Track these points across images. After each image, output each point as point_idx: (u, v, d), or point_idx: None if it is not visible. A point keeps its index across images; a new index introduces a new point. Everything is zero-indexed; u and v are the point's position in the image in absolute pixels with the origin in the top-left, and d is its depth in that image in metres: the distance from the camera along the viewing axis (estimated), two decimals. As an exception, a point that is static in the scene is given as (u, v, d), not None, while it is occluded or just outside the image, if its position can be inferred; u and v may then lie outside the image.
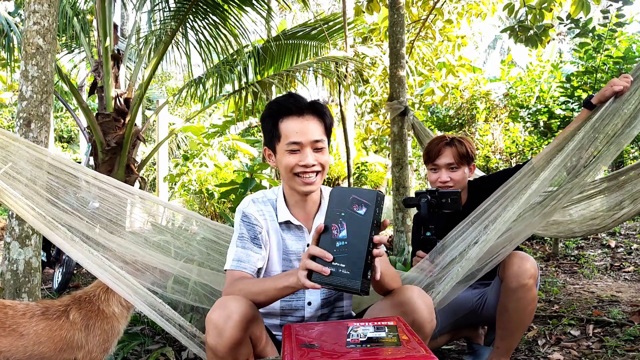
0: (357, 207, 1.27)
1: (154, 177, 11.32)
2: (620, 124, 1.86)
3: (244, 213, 1.67)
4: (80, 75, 8.58)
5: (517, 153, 7.08)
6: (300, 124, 1.58)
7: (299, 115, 1.59)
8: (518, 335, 2.06)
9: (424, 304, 1.51)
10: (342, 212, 1.28)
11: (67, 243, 1.74)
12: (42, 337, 1.75)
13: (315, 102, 1.64)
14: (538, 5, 4.54)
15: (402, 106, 4.08)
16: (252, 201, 1.70)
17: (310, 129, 1.58)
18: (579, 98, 5.22)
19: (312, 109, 1.61)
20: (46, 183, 1.89)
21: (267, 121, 1.64)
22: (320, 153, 1.61)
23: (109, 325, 1.82)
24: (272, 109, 1.63)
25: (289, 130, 1.58)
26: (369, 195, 1.26)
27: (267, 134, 1.66)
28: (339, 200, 1.29)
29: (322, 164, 1.61)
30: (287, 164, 1.59)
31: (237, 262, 1.59)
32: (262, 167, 5.25)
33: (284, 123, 1.59)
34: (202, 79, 5.56)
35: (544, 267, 4.57)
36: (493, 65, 24.26)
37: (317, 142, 1.59)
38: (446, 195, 2.07)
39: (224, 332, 1.36)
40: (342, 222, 1.27)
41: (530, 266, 1.96)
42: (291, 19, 13.71)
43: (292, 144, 1.57)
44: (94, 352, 1.79)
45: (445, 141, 2.23)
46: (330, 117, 1.65)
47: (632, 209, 2.52)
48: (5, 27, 4.60)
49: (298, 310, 1.69)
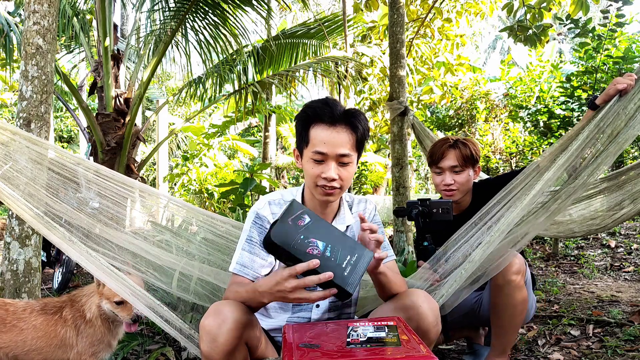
0: (302, 221, 1.27)
1: (154, 177, 11.33)
2: (624, 123, 1.85)
3: (258, 215, 1.63)
4: (80, 75, 8.57)
5: (517, 153, 7.08)
6: (330, 135, 1.51)
7: (331, 125, 1.51)
8: (512, 333, 2.05)
9: (429, 309, 1.49)
10: (301, 235, 1.25)
11: (66, 243, 1.74)
12: (39, 332, 1.77)
13: (351, 112, 1.55)
14: (537, 5, 4.54)
15: (402, 106, 4.08)
16: (268, 203, 1.65)
17: (339, 141, 1.51)
18: (579, 98, 5.22)
19: (345, 119, 1.53)
20: (46, 182, 1.89)
21: (299, 124, 1.58)
22: (345, 168, 1.54)
23: (91, 329, 1.82)
24: (306, 113, 1.56)
25: (317, 139, 1.52)
26: (295, 208, 1.28)
27: (297, 136, 1.60)
28: (287, 230, 1.24)
29: (343, 180, 1.54)
30: (310, 172, 1.54)
31: (241, 266, 1.57)
32: (262, 167, 5.26)
33: (314, 129, 1.53)
34: (202, 79, 5.56)
35: (544, 267, 4.57)
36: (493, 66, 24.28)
37: (343, 157, 1.52)
38: (437, 205, 2.04)
39: (218, 338, 1.34)
40: (312, 240, 1.25)
41: (515, 263, 1.94)
42: (291, 19, 13.71)
43: (317, 154, 1.52)
44: (83, 354, 1.80)
45: (448, 143, 2.19)
46: (364, 130, 1.56)
47: (632, 209, 2.52)
48: (5, 27, 4.60)
49: (304, 312, 1.68)
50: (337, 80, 5.76)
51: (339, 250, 1.28)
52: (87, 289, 1.90)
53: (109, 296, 1.79)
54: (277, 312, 1.69)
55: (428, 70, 7.56)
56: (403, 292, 1.57)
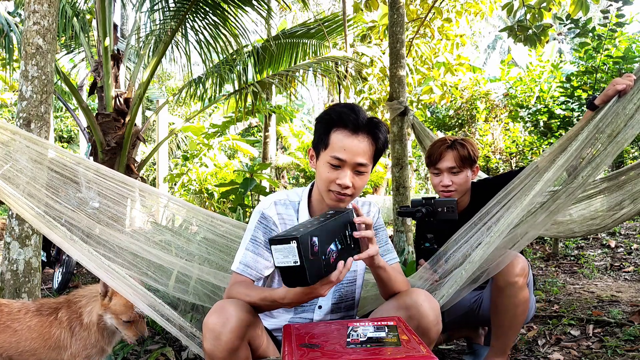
0: (314, 245, 1.24)
1: (154, 177, 11.33)
2: (623, 123, 1.85)
3: (263, 215, 1.62)
4: (80, 75, 8.57)
5: (517, 153, 7.08)
6: (351, 142, 1.50)
7: (353, 132, 1.50)
8: (512, 334, 2.05)
9: (430, 308, 1.49)
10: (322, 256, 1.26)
11: (67, 242, 1.74)
12: (33, 333, 1.75)
13: (374, 122, 1.54)
14: (537, 5, 4.54)
15: (402, 106, 4.08)
16: (274, 203, 1.65)
17: (360, 150, 1.50)
18: (579, 98, 5.22)
19: (368, 129, 1.52)
20: (47, 182, 1.89)
21: (321, 125, 1.56)
22: (360, 177, 1.54)
23: (85, 332, 1.80)
24: (330, 116, 1.54)
25: (337, 144, 1.50)
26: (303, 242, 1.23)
27: (316, 137, 1.58)
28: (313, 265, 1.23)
29: (356, 188, 1.54)
30: (325, 176, 1.53)
31: (244, 266, 1.57)
32: (262, 167, 5.26)
33: (335, 134, 1.52)
34: (202, 79, 5.57)
35: (544, 267, 4.57)
36: (493, 66, 24.28)
37: (360, 166, 1.52)
38: (442, 204, 2.04)
39: (221, 337, 1.35)
40: (329, 250, 1.28)
41: (518, 264, 1.94)
42: (291, 19, 13.72)
43: (335, 159, 1.50)
44: (77, 356, 1.78)
45: (446, 144, 2.19)
46: (384, 141, 1.56)
47: (632, 209, 2.52)
48: (5, 27, 4.60)
49: (307, 313, 1.68)
50: (337, 80, 5.76)
51: (339, 234, 1.35)
52: (86, 291, 1.87)
53: (118, 313, 1.75)
54: (279, 312, 1.69)
55: (428, 70, 7.56)
56: (404, 292, 1.58)
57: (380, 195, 13.35)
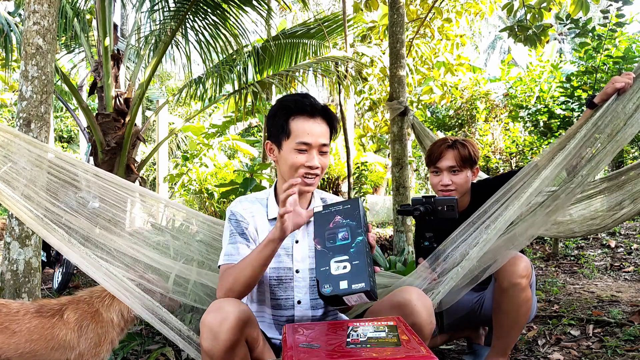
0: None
1: (154, 177, 11.32)
2: (622, 122, 1.85)
3: (231, 212, 1.72)
4: (80, 75, 8.57)
5: (517, 153, 7.07)
6: (312, 126, 1.62)
7: (312, 117, 1.63)
8: (514, 335, 2.05)
9: (423, 306, 1.52)
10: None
11: (65, 245, 1.73)
12: (34, 335, 1.72)
13: (327, 107, 1.70)
14: (537, 5, 4.54)
15: (402, 106, 4.08)
16: (239, 201, 1.75)
17: (321, 132, 1.64)
18: (579, 98, 5.22)
19: (323, 113, 1.66)
20: (46, 184, 1.89)
21: (279, 116, 1.65)
22: (324, 156, 1.66)
23: (102, 329, 1.79)
24: (286, 105, 1.65)
25: (300, 130, 1.61)
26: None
27: (274, 129, 1.67)
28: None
29: (322, 167, 1.65)
30: (293, 162, 1.62)
31: (227, 256, 1.62)
32: (262, 167, 5.25)
33: (295, 121, 1.62)
34: (202, 79, 5.56)
35: (544, 267, 4.57)
36: (493, 66, 24.28)
37: (324, 146, 1.65)
38: (442, 203, 2.04)
39: (219, 335, 1.35)
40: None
41: (522, 265, 1.94)
42: (291, 19, 13.71)
43: (301, 144, 1.61)
44: (85, 354, 1.76)
45: (447, 144, 2.19)
46: (337, 123, 1.71)
47: (632, 209, 2.52)
48: (5, 27, 4.60)
49: (287, 309, 1.67)
50: (337, 80, 5.76)
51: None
52: (99, 291, 1.86)
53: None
54: (262, 307, 1.70)
55: (428, 70, 7.56)
56: (397, 290, 1.60)
57: (380, 195, 13.34)
